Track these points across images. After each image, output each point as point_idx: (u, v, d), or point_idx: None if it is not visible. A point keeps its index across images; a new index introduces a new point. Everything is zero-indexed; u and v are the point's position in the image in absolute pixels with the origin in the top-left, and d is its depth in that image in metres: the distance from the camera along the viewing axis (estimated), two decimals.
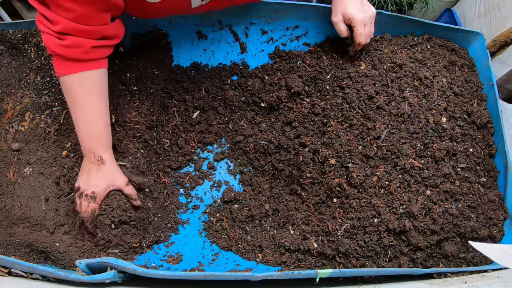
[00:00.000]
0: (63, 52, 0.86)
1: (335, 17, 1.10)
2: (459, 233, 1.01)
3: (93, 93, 0.92)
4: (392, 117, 1.06)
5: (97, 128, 0.95)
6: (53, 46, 0.85)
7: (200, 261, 1.06)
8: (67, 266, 0.96)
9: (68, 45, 0.85)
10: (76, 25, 0.83)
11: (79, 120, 0.93)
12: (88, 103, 0.92)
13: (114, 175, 0.98)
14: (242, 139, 1.22)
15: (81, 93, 0.91)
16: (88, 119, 0.93)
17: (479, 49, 1.24)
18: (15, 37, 1.21)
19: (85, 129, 0.94)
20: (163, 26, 1.25)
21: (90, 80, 0.91)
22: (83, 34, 0.85)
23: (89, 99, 0.92)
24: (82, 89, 0.90)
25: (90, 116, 0.93)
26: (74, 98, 0.91)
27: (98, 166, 0.95)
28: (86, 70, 0.89)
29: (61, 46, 0.85)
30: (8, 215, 1.03)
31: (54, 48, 0.85)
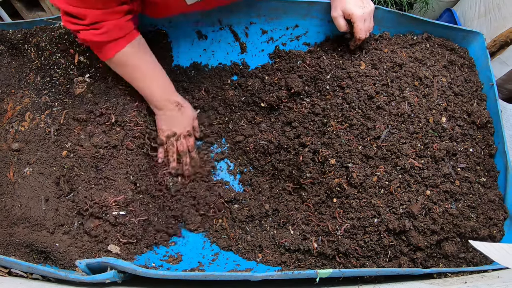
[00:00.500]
0: (104, 38, 0.95)
1: (334, 12, 1.11)
2: (459, 233, 1.01)
3: (147, 53, 1.06)
4: (392, 117, 1.06)
5: (164, 78, 1.10)
6: (93, 37, 0.93)
7: (200, 261, 1.06)
8: (67, 266, 0.96)
9: (106, 31, 0.93)
10: (100, 11, 0.90)
11: (147, 78, 1.06)
12: (147, 62, 1.06)
13: (192, 111, 1.18)
14: (242, 139, 1.22)
15: (138, 58, 1.03)
16: (155, 74, 1.08)
17: (479, 49, 1.24)
18: (15, 37, 1.21)
19: (155, 83, 1.08)
20: (163, 26, 1.25)
21: (139, 45, 1.03)
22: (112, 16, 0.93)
23: (147, 59, 1.06)
24: (137, 55, 1.03)
25: (155, 71, 1.08)
26: (134, 65, 1.03)
27: (179, 110, 1.12)
28: (131, 40, 1.00)
29: (99, 35, 0.93)
30: (8, 215, 1.03)
31: (95, 38, 0.94)
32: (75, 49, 1.17)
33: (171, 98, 1.11)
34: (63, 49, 1.16)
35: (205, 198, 1.16)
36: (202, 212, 1.15)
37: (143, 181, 1.12)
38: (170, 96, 1.11)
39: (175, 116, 1.13)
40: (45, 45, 1.16)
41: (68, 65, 1.16)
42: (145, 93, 1.09)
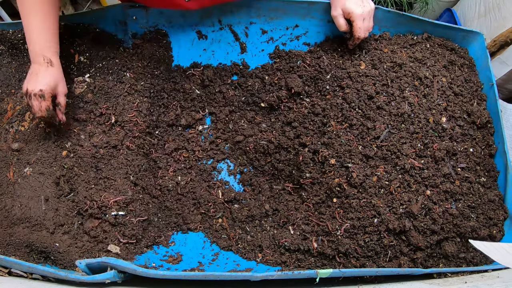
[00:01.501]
0: None
1: (334, 11, 1.12)
2: (459, 233, 1.01)
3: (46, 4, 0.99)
4: (392, 117, 1.06)
5: (49, 35, 1.01)
6: None
7: (200, 261, 1.06)
8: (67, 266, 0.96)
9: None
10: None
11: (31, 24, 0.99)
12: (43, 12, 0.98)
13: (59, 79, 1.03)
14: (242, 139, 1.22)
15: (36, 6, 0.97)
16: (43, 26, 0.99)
17: (479, 49, 1.24)
18: (15, 37, 1.21)
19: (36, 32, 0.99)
20: (163, 26, 1.25)
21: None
22: None
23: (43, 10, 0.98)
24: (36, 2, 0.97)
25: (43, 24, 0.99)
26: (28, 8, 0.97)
27: (47, 67, 1.00)
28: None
29: None
30: (8, 215, 1.03)
31: None
32: (75, 49, 1.17)
33: (47, 54, 1.00)
34: (63, 49, 1.16)
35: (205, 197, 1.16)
36: (202, 211, 1.15)
37: (143, 181, 1.12)
38: (46, 51, 1.01)
39: (39, 73, 1.00)
40: None
41: (68, 65, 1.16)
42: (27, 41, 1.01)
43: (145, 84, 1.19)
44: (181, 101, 1.25)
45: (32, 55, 1.00)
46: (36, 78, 0.99)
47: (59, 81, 1.03)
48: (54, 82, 1.02)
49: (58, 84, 1.03)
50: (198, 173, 1.21)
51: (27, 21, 0.99)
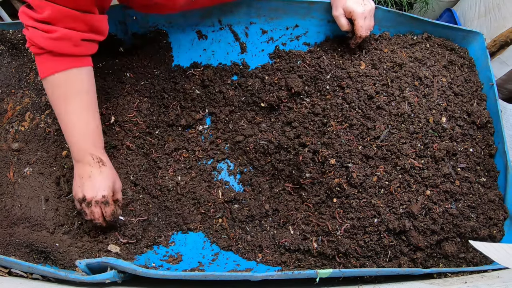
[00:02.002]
0: (53, 47, 0.81)
1: (335, 11, 1.12)
2: (459, 233, 1.01)
3: (85, 91, 0.88)
4: (392, 117, 1.06)
5: (93, 128, 0.91)
6: (41, 40, 0.80)
7: (200, 261, 1.06)
8: (67, 266, 0.96)
9: (58, 38, 0.80)
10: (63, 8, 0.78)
11: (73, 120, 0.88)
12: (80, 102, 0.88)
13: (115, 176, 0.96)
14: (242, 139, 1.22)
15: (72, 92, 0.87)
16: (83, 119, 0.89)
17: (479, 49, 1.24)
18: (15, 37, 1.21)
19: (79, 130, 0.89)
20: (163, 26, 1.25)
21: (82, 77, 0.87)
22: (71, 23, 0.81)
23: (82, 98, 0.88)
24: (74, 87, 0.86)
25: (84, 116, 0.89)
26: (65, 98, 0.87)
27: (99, 168, 0.91)
28: (77, 66, 0.86)
29: (50, 39, 0.80)
30: (8, 215, 1.03)
31: (43, 42, 0.80)
32: None
33: (95, 152, 0.91)
34: None
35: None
36: (202, 211, 1.15)
37: (143, 181, 1.12)
38: (93, 149, 0.91)
39: (92, 174, 0.90)
40: None
41: None
42: (67, 134, 0.90)
43: (145, 84, 1.19)
44: (181, 101, 1.24)
45: (75, 154, 0.90)
46: (92, 183, 0.90)
47: (115, 180, 0.95)
48: (113, 184, 0.93)
49: (114, 182, 0.95)
50: (198, 173, 1.21)
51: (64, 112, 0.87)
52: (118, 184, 0.96)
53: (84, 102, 0.89)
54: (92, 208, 0.91)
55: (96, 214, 0.92)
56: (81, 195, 0.91)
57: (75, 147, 0.90)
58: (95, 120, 0.91)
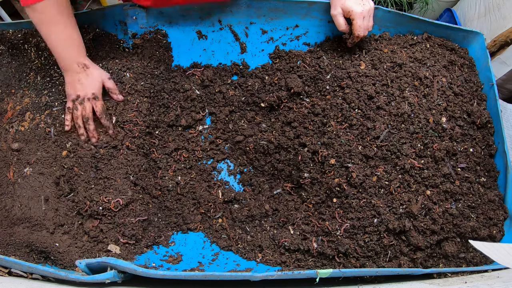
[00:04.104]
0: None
1: (334, 10, 1.12)
2: (459, 233, 1.01)
3: (65, 12, 1.03)
4: (392, 117, 1.06)
5: (76, 40, 1.07)
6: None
7: (200, 261, 1.06)
8: (67, 266, 0.96)
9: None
10: None
11: (59, 36, 1.03)
12: (63, 21, 1.03)
13: (100, 73, 1.11)
14: (242, 139, 1.22)
15: (56, 15, 1.01)
16: (67, 33, 1.04)
17: (479, 49, 1.24)
18: (15, 37, 1.21)
19: (65, 43, 1.05)
20: (163, 26, 1.25)
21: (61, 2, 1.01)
22: None
23: (63, 17, 1.02)
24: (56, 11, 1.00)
25: (67, 32, 1.04)
26: (50, 20, 1.01)
27: (85, 71, 1.07)
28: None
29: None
30: (8, 215, 1.03)
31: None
32: None
33: (79, 59, 1.07)
34: None
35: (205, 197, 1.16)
36: (202, 211, 1.15)
37: (143, 181, 1.12)
38: (78, 57, 1.07)
39: (80, 78, 1.08)
40: (45, 45, 1.16)
41: None
42: (54, 51, 1.06)
43: (145, 84, 1.19)
44: (181, 101, 1.24)
45: (63, 64, 1.06)
46: (82, 84, 1.07)
47: (100, 75, 1.11)
48: (99, 82, 1.10)
49: (101, 77, 1.11)
50: (198, 173, 1.21)
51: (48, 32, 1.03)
52: (104, 75, 1.12)
53: (65, 20, 1.03)
54: (85, 104, 1.08)
55: (87, 109, 1.08)
56: (74, 96, 1.08)
57: (64, 59, 1.06)
58: (76, 32, 1.07)
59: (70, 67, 1.06)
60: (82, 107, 1.08)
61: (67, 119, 1.10)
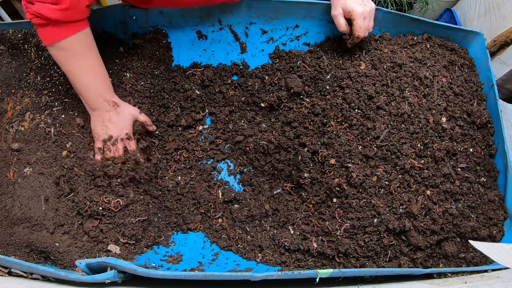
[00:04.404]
0: (61, 17, 0.87)
1: (334, 10, 1.11)
2: (459, 233, 1.01)
3: (92, 47, 0.98)
4: (392, 117, 1.06)
5: (104, 77, 1.02)
6: (48, 12, 0.85)
7: (200, 261, 1.06)
8: (67, 266, 0.96)
9: (66, 8, 0.86)
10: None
11: (87, 74, 0.98)
12: (91, 57, 0.98)
13: (130, 110, 1.07)
14: (242, 139, 1.22)
15: (82, 51, 0.96)
16: (95, 71, 0.99)
17: (479, 49, 1.24)
18: (15, 37, 1.21)
19: (94, 81, 1.00)
20: (163, 26, 1.25)
21: (86, 37, 0.96)
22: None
23: (90, 54, 0.98)
24: (82, 47, 0.96)
25: (95, 68, 0.99)
26: (76, 57, 0.95)
27: (116, 110, 1.03)
28: (81, 29, 0.93)
29: (57, 10, 0.86)
30: (8, 215, 1.03)
31: (50, 14, 0.86)
32: None
33: (108, 97, 1.03)
34: None
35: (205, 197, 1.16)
36: (202, 211, 1.15)
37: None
38: (106, 95, 1.03)
39: (111, 117, 1.03)
40: (45, 45, 1.16)
41: None
42: (81, 88, 1.00)
43: (145, 84, 1.19)
44: (181, 101, 1.24)
45: (91, 102, 1.01)
46: (114, 123, 1.03)
47: (131, 113, 1.07)
48: (130, 120, 1.07)
49: (132, 115, 1.07)
50: (198, 173, 1.21)
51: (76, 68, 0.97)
52: (134, 113, 1.08)
53: (93, 57, 0.99)
54: (118, 145, 1.04)
55: (120, 150, 1.05)
56: (106, 136, 1.04)
57: (92, 97, 1.01)
58: (104, 70, 1.03)
59: (100, 105, 1.01)
60: (114, 148, 1.04)
61: (98, 159, 1.05)
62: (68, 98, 1.14)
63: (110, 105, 1.02)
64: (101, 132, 1.04)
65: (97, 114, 1.03)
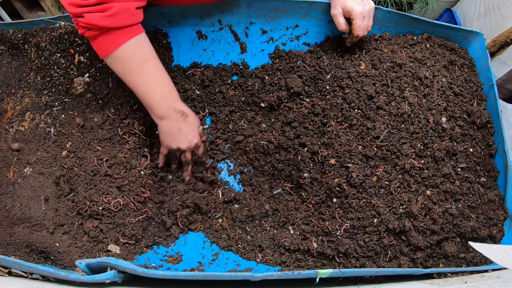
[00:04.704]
0: (112, 23, 0.83)
1: (334, 10, 1.11)
2: (459, 233, 1.01)
3: (151, 53, 0.93)
4: (392, 117, 1.06)
5: (169, 84, 0.98)
6: (100, 21, 0.81)
7: (200, 261, 1.06)
8: (67, 266, 0.96)
9: (115, 13, 0.82)
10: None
11: (151, 83, 0.94)
12: (153, 64, 0.94)
13: (197, 119, 1.07)
14: (242, 139, 1.22)
15: (142, 58, 0.91)
16: (159, 78, 0.95)
17: (479, 49, 1.24)
18: (15, 37, 1.21)
19: (159, 88, 0.95)
20: (163, 26, 1.25)
21: (144, 42, 0.91)
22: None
23: (152, 60, 0.93)
24: (142, 53, 0.91)
25: (159, 75, 0.95)
26: (138, 65, 0.91)
27: (184, 120, 1.01)
28: (137, 34, 0.89)
29: (107, 17, 0.82)
30: (8, 215, 1.03)
31: (102, 22, 0.82)
32: (75, 49, 1.17)
33: (176, 105, 0.98)
34: (63, 49, 1.16)
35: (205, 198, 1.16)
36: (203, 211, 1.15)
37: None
38: (174, 103, 0.98)
39: (180, 128, 1.01)
40: (45, 45, 1.16)
41: (68, 65, 1.16)
42: (146, 98, 0.96)
43: None
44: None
45: (158, 111, 0.98)
46: (184, 135, 1.02)
47: (198, 123, 1.08)
48: (197, 131, 1.06)
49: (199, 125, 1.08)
50: None
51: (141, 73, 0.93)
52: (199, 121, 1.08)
53: (155, 63, 0.94)
54: (186, 154, 1.05)
55: (188, 158, 1.06)
56: (176, 147, 1.03)
57: (159, 106, 0.97)
58: (167, 76, 0.98)
59: (168, 114, 0.98)
60: (184, 157, 1.06)
61: (161, 159, 1.08)
62: (68, 98, 1.14)
63: (179, 114, 0.99)
64: (170, 144, 1.03)
65: (164, 124, 1.00)
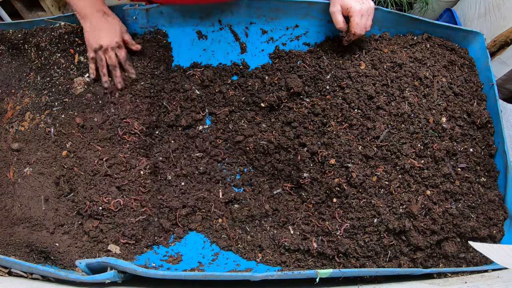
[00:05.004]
0: None
1: (333, 7, 1.12)
2: (459, 233, 1.01)
3: None
4: (392, 117, 1.06)
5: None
6: None
7: (200, 261, 1.06)
8: (67, 266, 0.96)
9: None
10: None
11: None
12: None
13: (119, 22, 1.12)
14: (242, 139, 1.22)
15: None
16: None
17: (479, 49, 1.24)
18: (15, 37, 1.21)
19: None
20: (163, 26, 1.25)
21: None
22: None
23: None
24: None
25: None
26: None
27: (106, 20, 1.08)
28: None
29: None
30: (8, 215, 1.03)
31: None
32: (75, 49, 1.17)
33: (97, 6, 1.07)
34: (63, 49, 1.16)
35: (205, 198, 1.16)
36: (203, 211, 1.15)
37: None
38: (98, 4, 1.07)
39: (101, 26, 1.07)
40: (45, 45, 1.16)
41: (68, 65, 1.16)
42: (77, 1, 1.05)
43: (145, 84, 1.19)
44: (181, 101, 1.25)
45: (81, 11, 1.05)
46: (104, 32, 1.07)
47: (120, 24, 1.12)
48: (120, 30, 1.11)
49: (120, 27, 1.11)
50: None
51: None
52: (123, 27, 1.13)
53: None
54: (109, 54, 1.09)
55: (113, 59, 1.10)
56: (97, 45, 1.08)
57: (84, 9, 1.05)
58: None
59: (90, 14, 1.05)
60: (107, 56, 1.09)
61: (92, 67, 1.11)
62: (68, 98, 1.14)
63: (99, 13, 1.06)
64: (91, 42, 1.08)
65: (87, 23, 1.07)
